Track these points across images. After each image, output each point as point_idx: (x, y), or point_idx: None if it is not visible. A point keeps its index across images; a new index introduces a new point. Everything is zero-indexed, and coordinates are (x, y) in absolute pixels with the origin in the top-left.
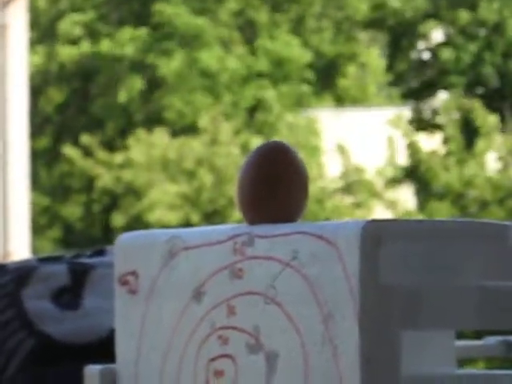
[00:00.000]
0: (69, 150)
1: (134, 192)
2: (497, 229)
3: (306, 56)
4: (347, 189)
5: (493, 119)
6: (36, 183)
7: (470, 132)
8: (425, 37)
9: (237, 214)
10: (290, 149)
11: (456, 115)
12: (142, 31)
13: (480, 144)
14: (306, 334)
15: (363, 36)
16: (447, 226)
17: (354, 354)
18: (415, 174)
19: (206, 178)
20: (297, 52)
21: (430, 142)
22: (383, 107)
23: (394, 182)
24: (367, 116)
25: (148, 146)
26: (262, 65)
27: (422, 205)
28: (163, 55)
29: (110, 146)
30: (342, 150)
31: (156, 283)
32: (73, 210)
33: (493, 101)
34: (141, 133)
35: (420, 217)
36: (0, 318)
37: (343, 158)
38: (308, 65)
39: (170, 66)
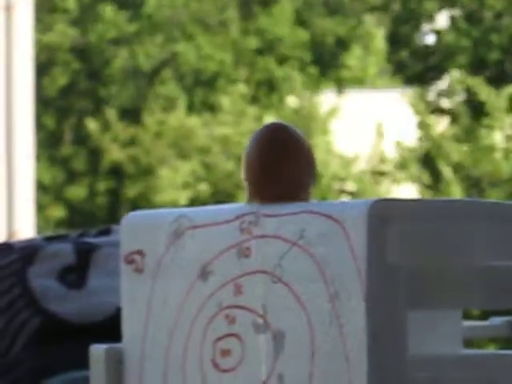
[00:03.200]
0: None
1: (144, 170)
2: (507, 209)
3: (303, 36)
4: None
5: (500, 98)
6: (41, 163)
7: (477, 111)
8: (429, 18)
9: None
10: (293, 129)
11: (462, 96)
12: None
13: (488, 123)
14: (312, 312)
15: (368, 18)
16: (456, 206)
17: (360, 333)
18: (427, 154)
19: (219, 156)
20: (294, 32)
21: (436, 124)
22: (387, 89)
23: (402, 165)
24: (371, 98)
25: (162, 125)
26: (258, 44)
27: (433, 185)
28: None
29: (121, 124)
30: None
31: (162, 262)
32: (78, 189)
33: (500, 81)
34: (156, 112)
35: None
36: (6, 296)
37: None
38: (307, 45)
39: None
